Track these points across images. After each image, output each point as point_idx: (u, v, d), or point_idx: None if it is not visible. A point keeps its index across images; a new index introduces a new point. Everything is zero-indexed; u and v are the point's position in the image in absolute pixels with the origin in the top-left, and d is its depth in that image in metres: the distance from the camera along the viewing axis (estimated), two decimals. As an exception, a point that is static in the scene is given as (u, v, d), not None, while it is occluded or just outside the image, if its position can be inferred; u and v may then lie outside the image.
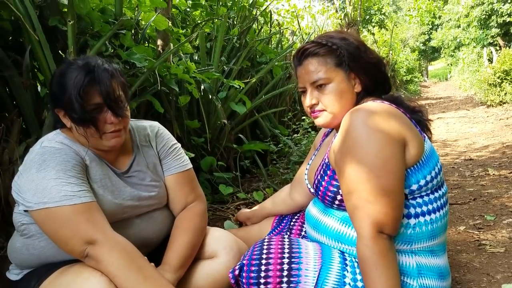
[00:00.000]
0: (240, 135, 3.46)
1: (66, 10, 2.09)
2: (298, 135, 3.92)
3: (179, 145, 1.47)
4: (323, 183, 1.23)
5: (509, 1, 13.89)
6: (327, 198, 1.22)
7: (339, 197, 1.18)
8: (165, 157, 1.41)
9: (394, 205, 1.04)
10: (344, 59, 1.22)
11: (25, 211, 1.13)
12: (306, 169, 1.50)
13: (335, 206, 1.21)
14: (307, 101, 1.26)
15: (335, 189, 1.19)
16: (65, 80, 1.14)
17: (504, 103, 8.52)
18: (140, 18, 2.55)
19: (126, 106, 1.25)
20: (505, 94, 8.52)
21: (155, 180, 1.36)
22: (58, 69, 1.22)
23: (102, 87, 1.15)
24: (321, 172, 1.25)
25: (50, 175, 1.07)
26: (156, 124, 1.47)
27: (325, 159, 1.26)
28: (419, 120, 1.25)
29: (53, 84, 1.19)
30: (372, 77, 1.25)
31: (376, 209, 1.03)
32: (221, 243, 1.36)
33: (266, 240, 1.23)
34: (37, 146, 1.17)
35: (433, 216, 1.14)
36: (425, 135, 1.20)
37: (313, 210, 1.33)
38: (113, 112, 1.19)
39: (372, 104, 1.15)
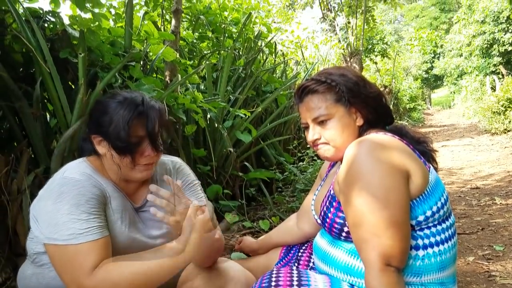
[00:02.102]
0: (246, 163, 3.47)
1: (77, 42, 2.15)
2: (304, 163, 3.92)
3: (198, 182, 1.48)
4: (329, 214, 1.23)
5: (510, 31, 14.10)
6: (334, 230, 1.22)
7: (346, 228, 1.18)
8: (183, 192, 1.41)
9: (400, 237, 1.03)
10: (343, 95, 1.24)
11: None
12: (313, 199, 1.50)
13: (342, 237, 1.21)
14: (310, 136, 1.29)
15: (342, 221, 1.19)
16: (114, 110, 1.20)
17: (509, 131, 8.53)
18: (148, 50, 2.61)
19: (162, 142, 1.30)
20: (509, 122, 8.54)
21: None
22: (103, 97, 1.28)
23: (148, 122, 1.21)
24: (327, 204, 1.25)
25: (63, 209, 1.09)
26: (178, 160, 1.49)
27: (330, 190, 1.27)
28: (424, 151, 1.26)
29: (97, 111, 1.23)
30: (373, 110, 1.27)
31: (382, 242, 1.02)
32: (229, 275, 1.35)
33: (274, 271, 1.22)
34: (59, 175, 1.18)
35: (441, 247, 1.13)
36: (430, 166, 1.20)
37: (321, 241, 1.32)
38: (153, 146, 1.23)
39: (375, 136, 1.16)
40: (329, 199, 1.25)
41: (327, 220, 1.23)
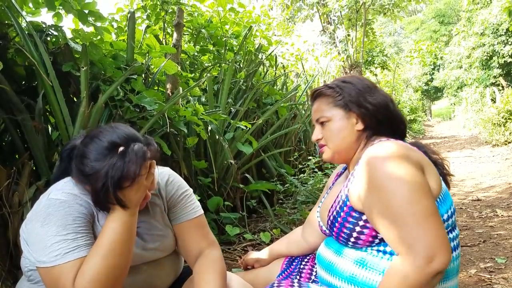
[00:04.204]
0: (247, 175, 3.47)
1: (79, 56, 2.17)
2: (305, 174, 3.92)
3: (190, 191, 1.44)
4: (338, 219, 1.22)
5: (509, 43, 14.18)
6: (343, 234, 1.21)
7: (355, 234, 1.17)
8: (175, 205, 1.38)
9: (439, 226, 1.03)
10: (343, 100, 1.31)
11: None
12: (319, 207, 1.51)
13: (350, 243, 1.20)
14: (313, 135, 1.38)
15: (351, 226, 1.18)
16: (98, 170, 1.12)
17: (509, 142, 8.53)
18: (150, 63, 2.63)
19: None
20: (510, 133, 8.55)
21: (160, 230, 1.34)
22: (82, 145, 1.19)
23: (138, 172, 1.13)
24: (337, 209, 1.25)
25: (51, 231, 1.08)
26: (166, 171, 1.44)
27: (340, 196, 1.26)
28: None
29: (82, 164, 1.16)
30: (373, 117, 1.30)
31: (426, 232, 1.01)
32: (230, 287, 1.34)
33: (275, 285, 1.22)
34: (45, 197, 1.17)
35: (445, 259, 1.13)
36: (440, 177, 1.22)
37: (325, 251, 1.32)
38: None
39: (388, 141, 1.19)
40: (340, 204, 1.24)
41: (336, 224, 1.23)
